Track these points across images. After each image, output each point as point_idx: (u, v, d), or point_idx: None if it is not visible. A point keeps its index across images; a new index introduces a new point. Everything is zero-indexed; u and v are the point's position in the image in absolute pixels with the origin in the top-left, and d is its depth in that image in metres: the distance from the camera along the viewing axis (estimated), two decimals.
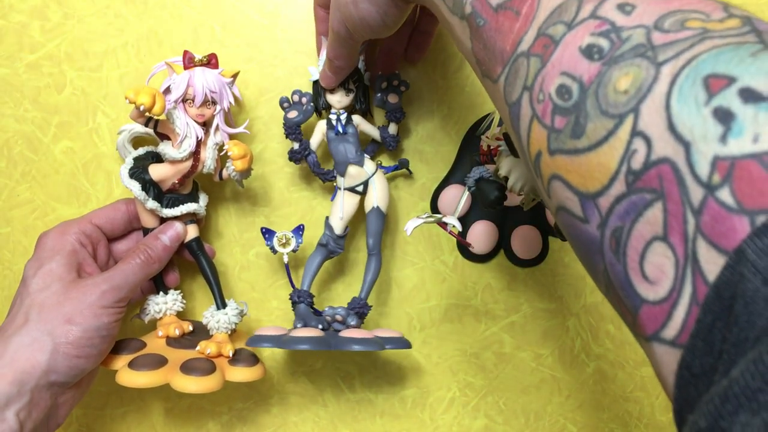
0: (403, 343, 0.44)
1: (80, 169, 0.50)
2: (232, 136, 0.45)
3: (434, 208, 0.50)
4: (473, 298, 0.51)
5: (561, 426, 0.52)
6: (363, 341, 0.42)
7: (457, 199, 0.49)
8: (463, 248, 0.50)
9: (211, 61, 0.43)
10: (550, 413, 0.52)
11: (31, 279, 0.41)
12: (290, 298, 0.46)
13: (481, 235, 0.49)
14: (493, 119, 0.47)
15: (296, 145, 0.46)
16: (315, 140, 0.47)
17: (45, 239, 0.43)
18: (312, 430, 0.52)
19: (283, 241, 0.46)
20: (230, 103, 0.44)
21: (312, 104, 0.46)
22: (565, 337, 0.51)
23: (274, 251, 0.46)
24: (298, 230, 0.46)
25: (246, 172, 0.45)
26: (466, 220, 0.50)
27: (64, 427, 0.52)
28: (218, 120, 0.44)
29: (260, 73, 0.50)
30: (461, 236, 0.49)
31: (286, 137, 0.46)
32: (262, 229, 0.46)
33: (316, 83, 0.46)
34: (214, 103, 0.43)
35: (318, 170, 0.47)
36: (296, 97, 0.46)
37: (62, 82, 0.50)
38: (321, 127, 0.46)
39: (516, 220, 0.50)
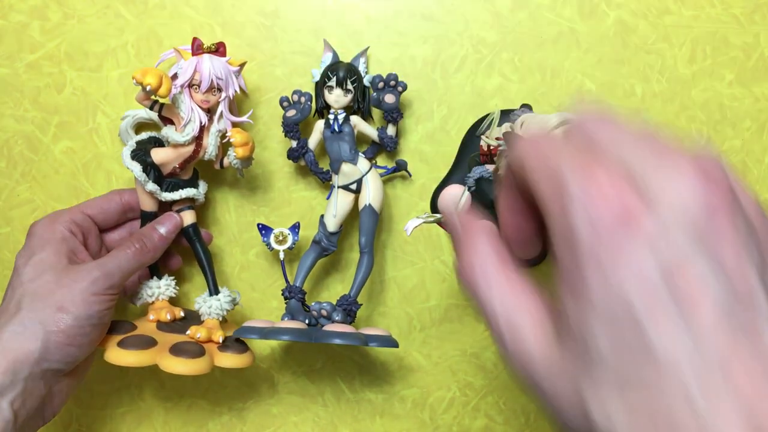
0: (389, 342, 0.44)
1: (80, 169, 0.50)
2: (235, 125, 0.45)
3: (434, 208, 0.50)
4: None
5: None
6: (344, 335, 0.42)
7: (457, 198, 0.49)
8: None
9: (219, 49, 0.44)
10: None
11: (23, 269, 0.41)
12: (282, 294, 0.46)
13: None
14: (493, 119, 0.47)
15: (294, 144, 0.47)
16: (313, 139, 0.47)
17: (35, 229, 0.43)
18: (312, 430, 0.52)
19: (280, 238, 0.46)
20: (236, 91, 0.44)
21: (309, 103, 0.46)
22: None
23: (270, 248, 0.47)
24: (295, 228, 0.47)
25: (247, 161, 0.46)
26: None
27: (64, 427, 0.52)
28: (223, 107, 0.44)
29: (260, 73, 0.50)
30: None
31: (285, 136, 0.47)
32: (258, 225, 0.47)
33: (317, 85, 0.46)
34: (219, 90, 0.44)
35: (315, 169, 0.47)
36: (296, 97, 0.47)
37: (62, 82, 0.50)
38: (319, 126, 0.47)
39: None
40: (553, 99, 0.50)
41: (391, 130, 0.48)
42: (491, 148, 0.37)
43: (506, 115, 0.47)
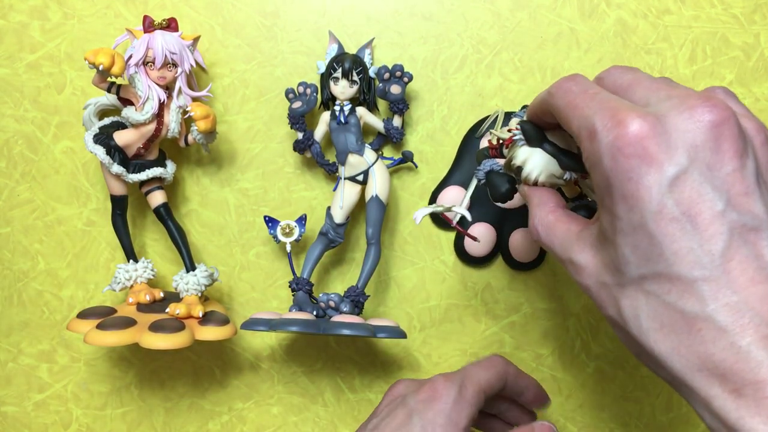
0: (397, 333, 0.44)
1: (80, 169, 0.50)
2: (195, 100, 0.46)
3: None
4: (473, 298, 0.51)
5: (561, 426, 0.52)
6: (353, 326, 0.42)
7: (457, 200, 0.49)
8: (461, 251, 0.50)
9: (170, 25, 0.44)
10: (550, 413, 0.52)
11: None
12: (290, 286, 0.46)
13: (479, 236, 0.49)
14: (497, 117, 0.47)
15: (300, 136, 0.47)
16: (319, 131, 0.47)
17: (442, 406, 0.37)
18: (312, 430, 0.52)
19: (287, 230, 0.47)
20: (191, 65, 0.45)
21: (315, 94, 0.47)
22: (565, 337, 0.51)
23: (277, 240, 0.47)
24: (301, 220, 0.47)
25: (210, 135, 0.46)
26: (465, 222, 0.50)
27: (64, 427, 0.52)
28: (180, 83, 0.45)
29: (260, 73, 0.50)
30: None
31: (291, 127, 0.47)
32: (265, 217, 0.47)
33: (322, 76, 0.46)
34: (174, 65, 0.44)
35: (322, 161, 0.48)
36: (301, 89, 0.47)
37: (62, 82, 0.50)
38: (324, 117, 0.47)
39: (514, 222, 0.49)
40: None
41: (397, 121, 0.48)
42: (502, 141, 0.37)
43: (507, 117, 0.47)
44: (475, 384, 0.38)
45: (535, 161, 0.34)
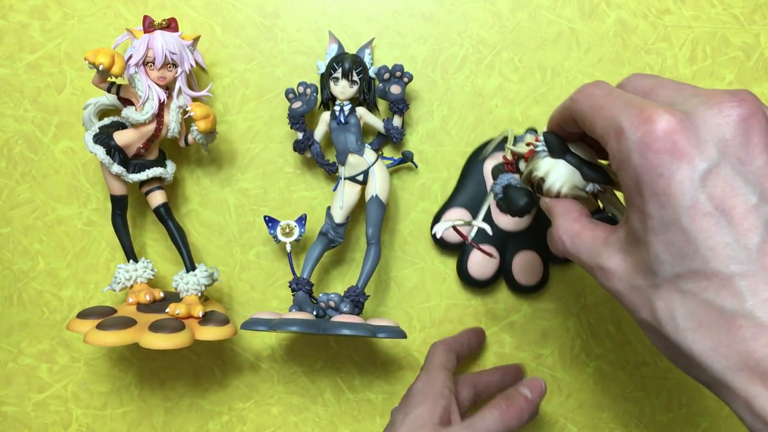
0: (398, 333, 0.44)
1: (80, 169, 0.50)
2: (195, 100, 0.46)
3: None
4: (473, 298, 0.51)
5: (561, 426, 0.52)
6: (353, 326, 0.42)
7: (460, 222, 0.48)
8: (463, 272, 0.49)
9: (171, 25, 0.44)
10: (550, 413, 0.52)
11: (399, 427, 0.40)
12: (290, 286, 0.46)
13: (482, 259, 0.49)
14: (506, 138, 0.47)
15: (300, 136, 0.47)
16: (319, 131, 0.48)
17: (416, 386, 0.43)
18: (312, 430, 0.52)
19: (287, 230, 0.47)
20: (191, 65, 0.45)
21: (315, 94, 0.47)
22: (565, 337, 0.51)
23: (277, 240, 0.47)
24: (301, 220, 0.47)
25: (210, 135, 0.46)
26: (467, 244, 0.49)
27: (64, 427, 0.52)
28: (180, 83, 0.45)
29: (260, 73, 0.50)
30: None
31: (291, 128, 0.47)
32: (265, 217, 0.47)
33: (322, 76, 0.46)
34: (174, 65, 0.44)
35: (322, 161, 0.48)
36: (301, 89, 0.47)
37: (62, 82, 0.50)
38: (324, 117, 0.47)
39: (517, 245, 0.49)
40: (553, 99, 0.50)
41: (396, 121, 0.48)
42: (521, 155, 0.37)
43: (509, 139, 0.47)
44: (436, 361, 0.44)
45: (558, 173, 0.33)
